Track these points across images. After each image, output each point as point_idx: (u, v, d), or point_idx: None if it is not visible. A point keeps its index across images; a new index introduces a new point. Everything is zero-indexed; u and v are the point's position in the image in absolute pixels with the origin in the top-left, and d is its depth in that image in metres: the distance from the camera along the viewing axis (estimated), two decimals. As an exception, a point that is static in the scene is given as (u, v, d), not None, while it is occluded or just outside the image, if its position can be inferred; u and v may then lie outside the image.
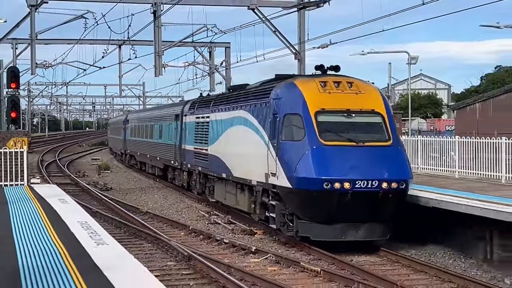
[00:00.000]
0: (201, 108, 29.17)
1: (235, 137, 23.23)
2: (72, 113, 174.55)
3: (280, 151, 18.43)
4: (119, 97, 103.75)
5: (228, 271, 15.35)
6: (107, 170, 47.94)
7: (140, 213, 25.87)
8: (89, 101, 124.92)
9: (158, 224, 23.38)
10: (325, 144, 17.60)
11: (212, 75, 45.68)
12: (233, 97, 24.91)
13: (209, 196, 27.52)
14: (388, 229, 17.92)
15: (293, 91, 18.99)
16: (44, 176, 39.90)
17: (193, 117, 30.14)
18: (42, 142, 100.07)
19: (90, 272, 9.29)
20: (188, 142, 30.52)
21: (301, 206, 17.96)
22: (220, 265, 15.96)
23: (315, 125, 17.74)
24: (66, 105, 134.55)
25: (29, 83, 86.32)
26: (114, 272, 9.23)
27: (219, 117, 25.33)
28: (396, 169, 17.92)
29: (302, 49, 31.60)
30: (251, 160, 20.98)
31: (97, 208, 26.29)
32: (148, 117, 45.65)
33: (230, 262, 16.62)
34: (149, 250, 18.75)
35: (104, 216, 24.23)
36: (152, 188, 36.40)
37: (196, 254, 16.98)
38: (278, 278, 15.17)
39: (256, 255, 17.71)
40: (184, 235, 21.20)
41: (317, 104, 18.17)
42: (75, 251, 10.84)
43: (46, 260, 10.15)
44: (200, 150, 27.88)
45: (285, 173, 17.94)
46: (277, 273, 15.95)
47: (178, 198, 31.03)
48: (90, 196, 31.67)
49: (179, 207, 28.15)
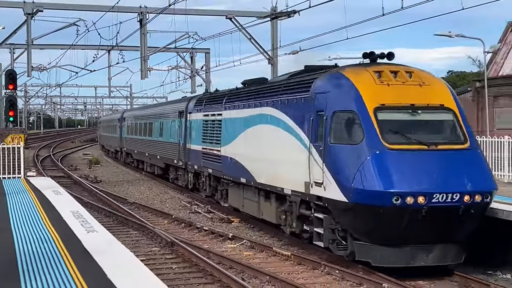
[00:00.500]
0: (210, 104, 24.53)
1: (259, 137, 18.72)
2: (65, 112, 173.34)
3: (329, 156, 14.06)
4: (108, 97, 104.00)
5: (207, 256, 15.35)
6: (97, 164, 47.68)
7: (127, 203, 25.77)
8: (81, 101, 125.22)
9: (144, 213, 23.31)
10: (390, 148, 13.26)
11: (193, 78, 45.70)
12: (254, 92, 20.03)
13: (221, 201, 23.44)
14: (463, 251, 13.77)
15: (344, 83, 14.50)
16: (40, 170, 39.58)
17: (200, 114, 25.56)
18: (37, 138, 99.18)
19: (81, 257, 9.26)
20: (195, 142, 26.14)
21: (360, 224, 13.59)
22: (200, 250, 15.96)
23: (375, 125, 13.44)
24: (59, 104, 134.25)
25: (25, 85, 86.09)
26: (103, 257, 9.21)
27: (235, 114, 20.96)
28: (479, 178, 13.56)
29: (275, 55, 31.72)
30: (284, 165, 16.73)
31: (88, 199, 26.17)
32: (147, 115, 40.65)
33: (209, 248, 16.64)
34: (136, 237, 18.72)
35: (94, 206, 24.11)
36: (138, 180, 36.26)
37: (178, 240, 16.97)
38: (253, 262, 15.20)
39: (233, 241, 17.72)
40: (167, 223, 21.17)
41: (375, 98, 13.89)
42: (68, 238, 10.80)
43: (40, 246, 10.11)
44: (210, 150, 23.49)
45: (338, 183, 13.66)
46: (251, 257, 15.99)
47: (162, 190, 30.96)
48: (82, 188, 31.48)
49: (163, 198, 28.10)
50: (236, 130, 20.58)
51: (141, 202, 26.15)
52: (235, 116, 20.93)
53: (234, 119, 20.97)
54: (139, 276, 8.28)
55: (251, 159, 19.04)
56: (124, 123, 48.50)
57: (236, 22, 31.70)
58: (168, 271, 14.35)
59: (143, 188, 31.87)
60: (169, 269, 14.57)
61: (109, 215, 22.46)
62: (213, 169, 23.09)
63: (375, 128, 13.43)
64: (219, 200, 23.76)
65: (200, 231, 19.46)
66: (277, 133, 17.24)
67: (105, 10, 30.74)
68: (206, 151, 23.96)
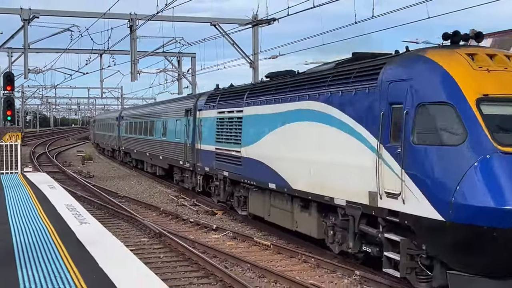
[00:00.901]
0: (227, 101, 20.30)
1: (296, 136, 14.80)
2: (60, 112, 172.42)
3: (413, 161, 10.46)
4: (100, 98, 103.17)
5: (192, 246, 15.31)
6: (90, 160, 47.34)
7: (118, 197, 25.60)
8: (75, 102, 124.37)
9: (134, 206, 23.17)
10: (503, 151, 9.69)
11: (180, 81, 45.43)
12: (289, 84, 15.93)
13: (239, 208, 19.19)
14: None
15: (431, 68, 10.82)
16: (36, 166, 39.27)
17: (213, 112, 21.33)
18: (33, 136, 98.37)
19: (74, 247, 9.20)
20: (206, 141, 21.98)
21: (459, 250, 9.94)
22: (186, 241, 15.91)
23: (481, 121, 9.88)
24: (54, 105, 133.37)
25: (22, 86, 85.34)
26: (95, 247, 9.16)
27: (260, 111, 16.84)
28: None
29: (256, 59, 31.64)
30: (334, 170, 13.04)
31: (81, 193, 25.97)
32: (147, 114, 36.10)
33: (195, 238, 16.60)
34: (126, 228, 18.62)
35: (87, 200, 23.93)
36: (129, 176, 36.07)
37: (166, 231, 16.90)
38: (235, 251, 15.18)
39: (217, 232, 17.68)
40: (155, 216, 21.07)
41: (475, 87, 10.27)
42: (62, 229, 10.72)
43: (36, 237, 10.03)
44: (226, 151, 19.48)
45: (428, 196, 10.09)
46: (234, 247, 15.96)
47: (151, 185, 30.81)
48: (75, 183, 31.25)
49: (151, 192, 27.98)
50: (262, 128, 16.71)
51: (131, 196, 25.99)
52: (261, 112, 16.99)
53: (260, 116, 17.08)
54: (129, 264, 8.24)
55: (284, 161, 15.24)
56: (122, 122, 44.62)
57: (220, 29, 31.66)
58: (156, 260, 14.29)
59: (133, 183, 31.70)
60: (157, 258, 14.50)
61: (101, 208, 22.30)
62: (230, 172, 19.17)
63: (481, 125, 9.87)
64: (236, 207, 19.62)
65: (186, 222, 19.39)
66: (324, 131, 13.54)
67: (97, 16, 30.67)
68: (221, 152, 20.01)
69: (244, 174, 17.94)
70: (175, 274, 13.10)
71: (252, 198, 18.01)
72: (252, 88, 18.76)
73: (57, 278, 7.49)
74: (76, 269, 7.88)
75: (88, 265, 8.11)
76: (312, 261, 13.98)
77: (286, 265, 13.89)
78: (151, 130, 33.43)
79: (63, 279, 7.41)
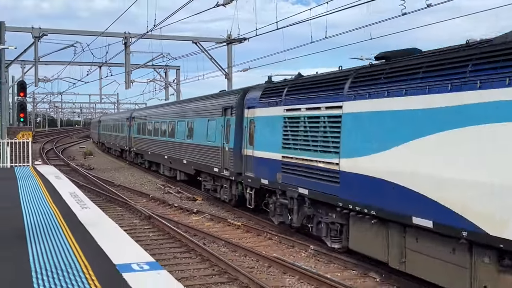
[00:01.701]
0: (304, 94, 12.88)
1: (494, 147, 7.43)
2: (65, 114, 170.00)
3: None
4: (99, 103, 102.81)
5: (176, 226, 15.33)
6: (90, 155, 46.79)
7: (114, 185, 25.41)
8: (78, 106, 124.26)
9: (127, 193, 23.03)
10: None
11: (167, 89, 45.22)
12: (462, 61, 8.27)
13: (328, 239, 12.11)
14: None
15: None
16: (44, 159, 38.75)
17: (276, 109, 13.97)
18: (43, 135, 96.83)
19: (76, 227, 9.14)
20: (263, 147, 14.78)
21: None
22: (171, 222, 15.92)
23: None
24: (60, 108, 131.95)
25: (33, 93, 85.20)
26: (94, 227, 9.11)
27: (388, 105, 9.47)
28: None
29: (230, 71, 31.68)
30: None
31: (83, 182, 25.74)
32: (167, 113, 28.03)
33: (178, 220, 16.59)
34: (120, 212, 18.52)
35: (88, 188, 23.72)
36: (123, 168, 35.74)
37: (154, 214, 16.88)
38: (212, 230, 15.21)
39: (197, 215, 17.69)
40: (146, 201, 20.98)
41: None
42: (66, 213, 10.63)
43: (44, 219, 9.94)
44: (305, 162, 12.32)
45: None
46: (211, 227, 15.99)
47: (142, 175, 30.59)
48: (78, 174, 30.92)
49: (142, 181, 27.80)
50: (392, 132, 9.42)
51: (124, 184, 25.81)
52: (390, 108, 9.50)
53: (386, 114, 9.59)
54: (123, 242, 8.22)
55: (460, 187, 7.93)
56: (133, 122, 36.93)
57: (200, 46, 31.65)
58: (146, 238, 14.26)
59: (126, 174, 31.45)
60: (147, 236, 14.48)
61: (99, 195, 22.12)
62: (313, 189, 12.09)
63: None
64: (323, 237, 12.36)
65: (171, 207, 19.35)
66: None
67: (96, 34, 30.57)
68: (294, 162, 12.94)
69: (345, 196, 10.85)
70: (162, 249, 13.11)
71: (357, 229, 10.90)
72: (364, 74, 10.82)
73: (61, 252, 7.46)
74: (77, 246, 7.84)
75: (87, 242, 8.08)
76: (275, 238, 14.08)
77: (254, 242, 13.97)
78: (172, 131, 26.29)
79: (66, 254, 7.38)
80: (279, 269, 11.31)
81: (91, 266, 6.75)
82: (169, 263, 11.76)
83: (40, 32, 29.77)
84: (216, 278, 10.74)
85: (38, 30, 29.74)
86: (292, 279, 10.72)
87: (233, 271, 10.84)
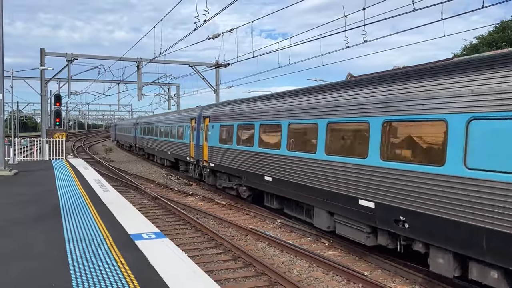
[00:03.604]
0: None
1: None
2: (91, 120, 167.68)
3: None
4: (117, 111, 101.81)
5: (176, 205, 15.20)
6: (110, 151, 46.12)
7: (128, 174, 25.07)
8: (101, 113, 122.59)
9: (138, 180, 22.74)
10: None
11: (169, 101, 44.81)
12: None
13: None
14: None
15: None
16: (75, 154, 38.04)
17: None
18: (74, 135, 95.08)
19: (99, 205, 9.03)
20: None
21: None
22: (172, 202, 15.77)
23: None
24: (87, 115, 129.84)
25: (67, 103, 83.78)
26: (113, 205, 9.01)
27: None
28: None
29: (218, 88, 31.67)
30: None
31: (104, 172, 25.32)
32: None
33: (178, 200, 16.44)
34: (133, 194, 18.28)
35: (108, 176, 23.36)
36: (135, 161, 35.26)
37: (159, 196, 16.70)
38: (203, 208, 15.11)
39: (192, 196, 17.57)
40: (153, 186, 20.74)
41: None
42: (91, 194, 10.48)
43: (74, 199, 9.79)
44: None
45: None
46: (203, 205, 15.89)
47: (150, 166, 30.22)
48: (101, 165, 30.40)
49: (150, 171, 27.48)
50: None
51: (136, 173, 25.47)
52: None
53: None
54: (135, 216, 8.15)
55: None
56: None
57: (195, 69, 31.57)
58: (153, 214, 14.11)
59: (138, 165, 31.03)
60: (153, 213, 14.33)
61: (117, 181, 21.79)
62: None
63: None
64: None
65: (172, 190, 19.18)
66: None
67: (116, 59, 30.31)
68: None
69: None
70: (165, 222, 12.99)
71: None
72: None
73: (87, 224, 7.37)
74: (100, 219, 7.75)
75: (107, 216, 7.99)
76: (251, 214, 14.07)
77: (235, 217, 13.94)
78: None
79: (91, 226, 7.29)
80: (254, 236, 11.30)
81: (111, 235, 6.68)
82: (170, 233, 11.66)
83: (72, 57, 29.36)
84: (206, 244, 10.69)
85: (70, 55, 29.31)
86: (263, 244, 10.73)
87: (219, 238, 10.81)
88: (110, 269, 5.18)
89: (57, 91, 38.51)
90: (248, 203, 15.25)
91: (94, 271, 5.11)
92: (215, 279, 7.74)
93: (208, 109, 17.98)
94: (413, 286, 7.98)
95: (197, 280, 4.86)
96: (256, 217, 13.67)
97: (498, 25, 31.22)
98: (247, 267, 8.99)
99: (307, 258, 9.43)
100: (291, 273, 8.72)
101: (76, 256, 5.65)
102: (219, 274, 8.57)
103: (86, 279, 4.89)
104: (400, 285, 8.06)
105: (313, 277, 8.49)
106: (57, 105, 25.40)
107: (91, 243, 6.23)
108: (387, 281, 8.25)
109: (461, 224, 6.18)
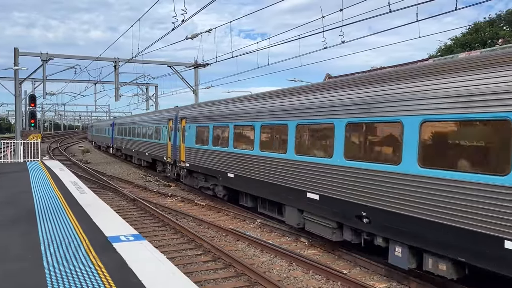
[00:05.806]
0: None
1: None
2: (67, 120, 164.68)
3: None
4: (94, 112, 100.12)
5: (155, 206, 15.07)
6: (87, 152, 45.36)
7: (106, 175, 24.73)
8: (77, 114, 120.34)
9: (116, 181, 22.45)
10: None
11: (147, 101, 44.37)
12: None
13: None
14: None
15: None
16: (50, 155, 37.30)
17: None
18: (49, 137, 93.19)
19: (76, 208, 8.87)
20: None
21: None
22: (151, 203, 15.63)
23: None
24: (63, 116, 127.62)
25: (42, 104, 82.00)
26: (90, 208, 8.87)
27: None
28: None
29: (197, 88, 31.47)
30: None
31: (81, 173, 24.91)
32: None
33: (157, 202, 16.31)
34: (111, 196, 18.04)
35: (85, 177, 22.99)
36: (113, 162, 34.80)
37: (138, 197, 16.53)
38: (183, 209, 15.03)
39: (171, 197, 17.45)
40: (131, 188, 20.51)
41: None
42: (67, 196, 10.29)
43: (50, 202, 9.59)
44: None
45: None
46: (182, 206, 15.81)
47: (128, 168, 29.87)
48: (77, 167, 29.91)
49: (128, 172, 27.15)
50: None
51: (114, 175, 25.15)
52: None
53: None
54: (113, 219, 8.04)
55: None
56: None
57: (173, 69, 31.29)
58: (131, 216, 13.96)
59: (116, 167, 30.64)
60: (132, 215, 14.17)
61: (94, 183, 21.47)
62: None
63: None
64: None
65: (151, 192, 19.01)
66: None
67: (92, 59, 29.86)
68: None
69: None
70: (143, 224, 12.86)
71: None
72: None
73: (63, 226, 7.24)
74: (76, 221, 7.61)
75: (84, 219, 7.86)
76: (231, 214, 14.06)
77: (215, 217, 13.91)
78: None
79: (68, 228, 7.16)
80: (234, 237, 11.29)
81: (88, 238, 6.57)
82: (149, 234, 11.55)
83: (47, 57, 28.78)
84: (186, 245, 10.63)
85: (46, 55, 28.74)
86: (243, 244, 10.73)
87: (198, 239, 10.76)
88: (87, 272, 5.09)
89: (32, 92, 37.72)
90: (227, 204, 15.23)
91: (71, 274, 5.02)
92: (195, 280, 7.70)
93: (185, 110, 18.22)
94: (390, 283, 8.11)
95: (176, 282, 4.82)
96: (236, 218, 13.66)
97: (471, 26, 32.01)
98: (227, 268, 8.98)
99: (287, 257, 9.48)
100: (271, 272, 8.75)
101: (52, 259, 5.54)
102: (198, 275, 8.53)
103: (62, 282, 4.79)
104: (378, 282, 8.19)
105: (293, 276, 8.54)
106: (32, 106, 24.86)
107: (68, 246, 6.11)
108: (365, 279, 8.36)
109: (414, 219, 6.65)
